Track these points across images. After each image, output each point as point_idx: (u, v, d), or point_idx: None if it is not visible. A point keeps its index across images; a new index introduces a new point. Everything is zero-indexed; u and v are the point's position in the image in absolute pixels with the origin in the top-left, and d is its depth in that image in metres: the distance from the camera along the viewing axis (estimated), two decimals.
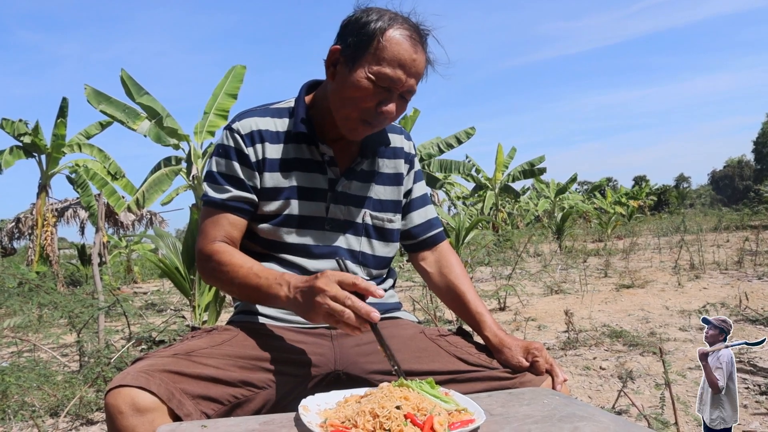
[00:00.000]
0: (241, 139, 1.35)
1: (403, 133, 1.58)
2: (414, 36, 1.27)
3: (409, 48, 1.25)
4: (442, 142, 14.39)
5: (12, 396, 3.02)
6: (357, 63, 1.27)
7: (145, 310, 7.45)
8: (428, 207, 1.60)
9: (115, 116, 10.30)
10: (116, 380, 1.05)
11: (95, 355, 3.49)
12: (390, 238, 1.50)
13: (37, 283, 4.99)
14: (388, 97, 1.28)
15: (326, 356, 1.31)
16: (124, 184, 12.80)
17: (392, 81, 1.25)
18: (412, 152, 1.58)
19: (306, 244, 1.39)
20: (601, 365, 3.55)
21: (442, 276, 1.52)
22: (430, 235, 1.57)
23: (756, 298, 5.34)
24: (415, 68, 1.27)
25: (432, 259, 1.56)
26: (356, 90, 1.26)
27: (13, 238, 17.46)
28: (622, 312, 5.26)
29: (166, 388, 1.06)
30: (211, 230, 1.35)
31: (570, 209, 18.39)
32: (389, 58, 1.24)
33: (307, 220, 1.39)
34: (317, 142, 1.38)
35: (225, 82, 10.71)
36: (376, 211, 1.47)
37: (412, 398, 1.00)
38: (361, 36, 1.26)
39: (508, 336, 1.35)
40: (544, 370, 1.29)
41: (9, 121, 12.37)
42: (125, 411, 1.02)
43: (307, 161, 1.40)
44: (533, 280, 7.48)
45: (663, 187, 51.43)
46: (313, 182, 1.39)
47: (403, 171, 1.53)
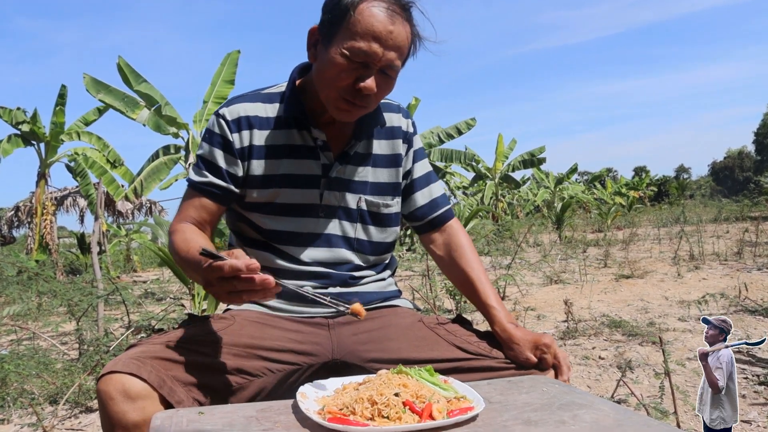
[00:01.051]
0: (227, 125, 1.33)
1: (401, 111, 1.51)
2: (391, 7, 1.20)
3: (384, 19, 1.18)
4: (442, 132, 14.34)
5: (11, 384, 3.02)
6: (332, 40, 1.22)
7: (145, 298, 7.44)
8: (432, 186, 1.53)
9: (114, 105, 10.26)
10: (108, 366, 1.05)
11: (94, 343, 3.49)
12: (387, 222, 1.46)
13: (36, 271, 4.99)
14: (366, 72, 1.21)
15: (323, 345, 1.30)
16: (123, 172, 12.79)
17: (367, 55, 1.19)
18: (411, 130, 1.52)
19: (299, 232, 1.37)
20: (600, 355, 3.55)
21: (452, 260, 1.47)
22: (436, 215, 1.51)
23: (755, 288, 5.34)
24: (393, 41, 1.20)
25: (441, 241, 1.51)
26: (332, 67, 1.21)
27: (13, 226, 17.46)
28: (621, 302, 5.26)
29: (157, 374, 1.05)
30: (183, 210, 1.35)
31: (570, 199, 18.37)
32: (362, 31, 1.18)
33: (300, 208, 1.36)
34: (309, 126, 1.34)
35: (222, 70, 10.69)
36: (371, 195, 1.43)
37: (411, 385, 1.00)
38: (335, 12, 1.21)
39: (518, 329, 1.30)
40: (550, 366, 1.27)
41: (7, 109, 12.33)
42: (116, 397, 1.01)
43: (298, 147, 1.36)
44: (533, 270, 7.47)
45: (663, 178, 51.31)
46: (306, 169, 1.36)
47: (401, 151, 1.48)
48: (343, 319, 1.35)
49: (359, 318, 1.13)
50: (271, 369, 1.22)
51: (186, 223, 1.32)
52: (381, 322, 1.36)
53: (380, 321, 1.37)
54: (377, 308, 1.42)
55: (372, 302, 1.41)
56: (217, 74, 10.70)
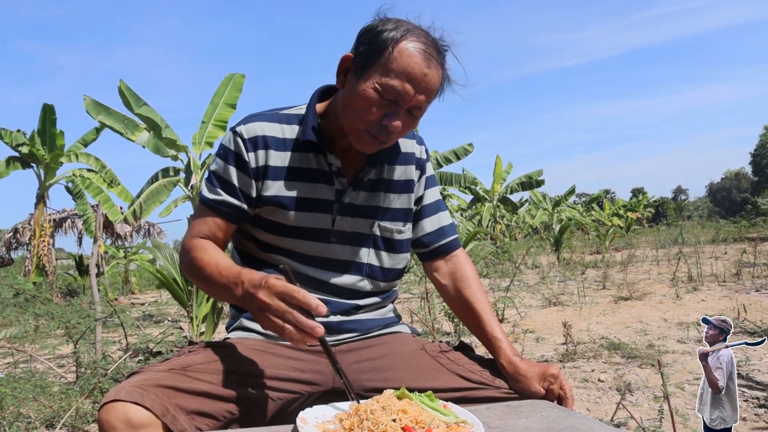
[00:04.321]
0: (243, 144, 1.31)
1: (415, 138, 1.51)
2: (429, 50, 1.20)
3: (420, 62, 1.19)
4: (440, 156, 14.40)
5: (8, 407, 2.99)
6: (366, 72, 1.21)
7: (143, 321, 7.42)
8: (441, 214, 1.53)
9: (114, 127, 10.29)
10: (110, 395, 1.03)
11: (92, 366, 3.47)
12: (399, 249, 1.45)
13: (33, 293, 4.98)
14: (395, 110, 1.22)
15: (324, 374, 1.30)
16: (119, 191, 12.78)
17: (399, 94, 1.19)
18: (424, 157, 1.52)
19: (311, 255, 1.36)
20: (599, 377, 3.54)
21: (457, 291, 1.46)
22: (442, 244, 1.50)
23: (754, 310, 5.34)
24: (426, 83, 1.20)
25: (446, 270, 1.49)
26: (362, 100, 1.21)
27: (11, 248, 17.42)
28: (620, 324, 5.25)
29: (160, 403, 1.04)
30: (196, 226, 1.34)
31: (568, 221, 18.40)
32: (398, 70, 1.18)
33: (312, 232, 1.35)
34: (325, 151, 1.34)
35: (224, 91, 10.68)
36: (384, 222, 1.42)
37: (411, 411, 1.00)
38: (374, 45, 1.20)
39: (524, 362, 1.29)
40: (556, 397, 1.26)
41: (8, 131, 12.38)
42: (118, 426, 1.00)
43: (313, 171, 1.35)
44: (531, 292, 7.47)
45: (661, 199, 51.54)
46: (319, 193, 1.36)
47: (414, 177, 1.48)
48: (345, 346, 1.35)
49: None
50: (273, 397, 1.22)
51: (203, 239, 1.32)
52: (383, 350, 1.36)
53: (382, 349, 1.36)
54: (379, 336, 1.42)
55: (371, 330, 1.41)
56: (218, 94, 10.70)
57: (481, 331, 1.39)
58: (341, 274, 1.38)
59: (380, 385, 1.26)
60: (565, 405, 1.25)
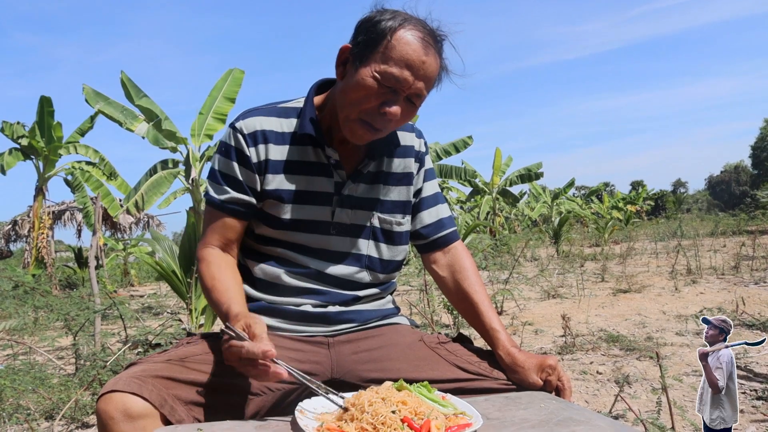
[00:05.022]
0: (243, 139, 1.32)
1: (414, 131, 1.52)
2: (426, 38, 1.22)
3: (418, 49, 1.20)
4: (440, 149, 14.37)
5: (7, 399, 3.00)
6: (365, 61, 1.23)
7: (142, 313, 7.42)
8: (440, 206, 1.54)
9: (113, 116, 10.26)
10: (108, 385, 1.04)
11: (91, 358, 3.47)
12: (398, 241, 1.46)
13: (33, 285, 4.98)
14: (393, 98, 1.23)
15: (323, 364, 1.30)
16: (118, 184, 12.77)
17: (398, 81, 1.20)
18: (423, 150, 1.53)
19: (311, 247, 1.36)
20: (597, 370, 3.55)
21: (455, 282, 1.47)
22: (441, 235, 1.51)
23: (753, 303, 5.35)
24: (424, 71, 1.22)
25: (444, 262, 1.50)
26: (361, 88, 1.22)
27: (10, 240, 17.44)
28: (618, 316, 5.26)
29: (158, 393, 1.05)
30: (208, 234, 1.35)
31: (567, 214, 18.41)
32: (397, 57, 1.19)
33: (311, 224, 1.36)
34: (323, 144, 1.35)
35: (223, 85, 10.67)
36: (384, 214, 1.43)
37: (410, 402, 1.00)
38: (371, 34, 1.22)
39: (522, 353, 1.30)
40: (554, 388, 1.27)
41: (8, 123, 12.37)
42: (116, 417, 1.01)
43: (312, 164, 1.36)
44: (530, 285, 7.48)
45: (660, 192, 51.55)
46: (319, 186, 1.36)
47: (413, 170, 1.49)
48: (344, 337, 1.36)
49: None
50: (271, 388, 1.22)
51: (213, 250, 1.34)
52: (381, 341, 1.36)
53: (381, 339, 1.37)
54: (377, 327, 1.42)
55: (370, 320, 1.41)
56: (217, 88, 10.68)
57: (479, 322, 1.40)
58: (340, 266, 1.38)
59: (378, 375, 1.27)
60: (563, 396, 1.25)
